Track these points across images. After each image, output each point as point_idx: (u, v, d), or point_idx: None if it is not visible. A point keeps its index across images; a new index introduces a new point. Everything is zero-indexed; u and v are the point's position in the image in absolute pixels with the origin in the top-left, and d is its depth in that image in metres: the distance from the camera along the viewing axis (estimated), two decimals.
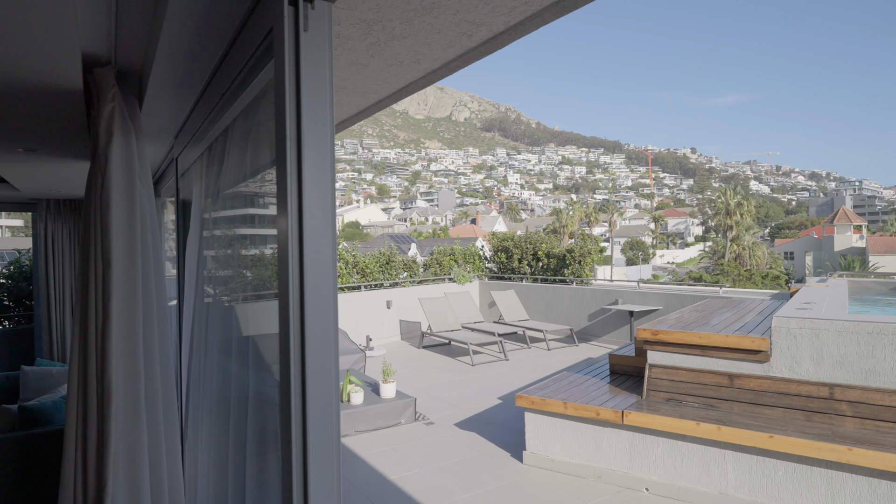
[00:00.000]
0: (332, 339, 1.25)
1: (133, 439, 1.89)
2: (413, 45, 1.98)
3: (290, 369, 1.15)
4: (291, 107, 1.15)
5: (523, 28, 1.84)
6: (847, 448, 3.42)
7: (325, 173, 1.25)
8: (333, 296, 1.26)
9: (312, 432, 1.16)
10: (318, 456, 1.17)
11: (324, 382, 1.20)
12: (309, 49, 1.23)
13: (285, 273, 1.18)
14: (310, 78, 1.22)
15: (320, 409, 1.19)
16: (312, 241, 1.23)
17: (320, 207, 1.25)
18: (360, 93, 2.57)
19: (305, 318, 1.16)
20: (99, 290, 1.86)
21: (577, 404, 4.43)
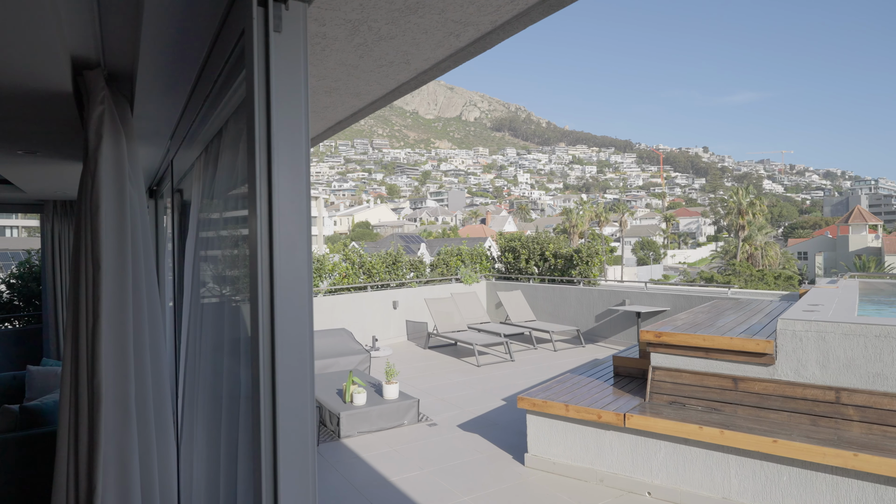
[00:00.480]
0: (306, 345, 1.23)
1: (123, 441, 1.89)
2: (401, 46, 1.96)
3: (260, 374, 1.14)
4: (261, 108, 1.14)
5: (511, 27, 1.81)
6: (853, 454, 3.35)
7: (300, 176, 1.23)
8: (308, 301, 1.24)
9: (283, 441, 1.15)
10: (289, 465, 1.16)
11: (296, 388, 1.18)
12: (283, 50, 1.22)
13: (255, 277, 1.16)
14: (283, 79, 1.21)
15: (292, 415, 1.17)
16: (287, 246, 1.22)
17: (295, 211, 1.24)
18: (354, 94, 2.56)
19: (275, 323, 1.15)
20: (89, 293, 1.86)
21: (579, 407, 4.39)
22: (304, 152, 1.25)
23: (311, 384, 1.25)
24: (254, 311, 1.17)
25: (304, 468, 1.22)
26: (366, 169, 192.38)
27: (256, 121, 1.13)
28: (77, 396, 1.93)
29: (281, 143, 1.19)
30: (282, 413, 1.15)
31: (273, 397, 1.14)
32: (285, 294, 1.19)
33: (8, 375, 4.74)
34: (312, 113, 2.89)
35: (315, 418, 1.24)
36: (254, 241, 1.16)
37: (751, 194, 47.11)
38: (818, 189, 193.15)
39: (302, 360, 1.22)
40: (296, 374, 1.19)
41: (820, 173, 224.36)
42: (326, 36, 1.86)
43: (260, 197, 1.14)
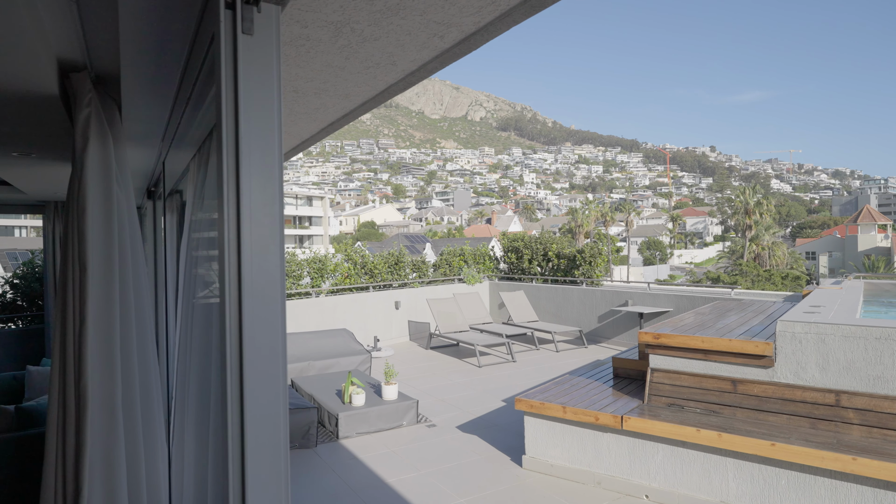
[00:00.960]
0: (278, 349, 1.22)
1: (110, 443, 1.89)
2: (386, 47, 1.95)
3: (227, 379, 1.13)
4: (229, 110, 1.13)
5: (494, 28, 1.80)
6: (851, 458, 3.31)
7: (272, 180, 1.22)
8: (280, 305, 1.23)
9: (252, 448, 1.14)
10: (259, 473, 1.15)
11: (266, 394, 1.17)
12: (253, 52, 1.21)
13: (223, 281, 1.15)
14: (254, 81, 1.20)
15: (262, 422, 1.16)
16: (258, 250, 1.21)
17: (267, 215, 1.23)
18: (343, 95, 2.55)
19: (244, 327, 1.14)
20: (76, 295, 1.86)
21: (577, 409, 4.36)
22: (276, 156, 1.24)
23: (284, 389, 1.24)
24: (221, 314, 1.16)
25: (276, 476, 1.21)
26: (371, 169, 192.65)
27: (223, 123, 1.12)
28: (64, 399, 1.93)
29: (251, 147, 1.18)
30: (250, 420, 1.14)
31: (241, 403, 1.13)
32: (255, 298, 1.18)
33: (8, 376, 4.77)
34: (304, 114, 2.89)
35: (288, 425, 1.23)
36: (222, 244, 1.15)
37: (758, 194, 46.79)
38: (827, 188, 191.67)
39: (273, 365, 1.21)
40: (266, 379, 1.18)
41: (829, 172, 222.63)
42: (310, 38, 1.85)
43: (227, 201, 1.13)
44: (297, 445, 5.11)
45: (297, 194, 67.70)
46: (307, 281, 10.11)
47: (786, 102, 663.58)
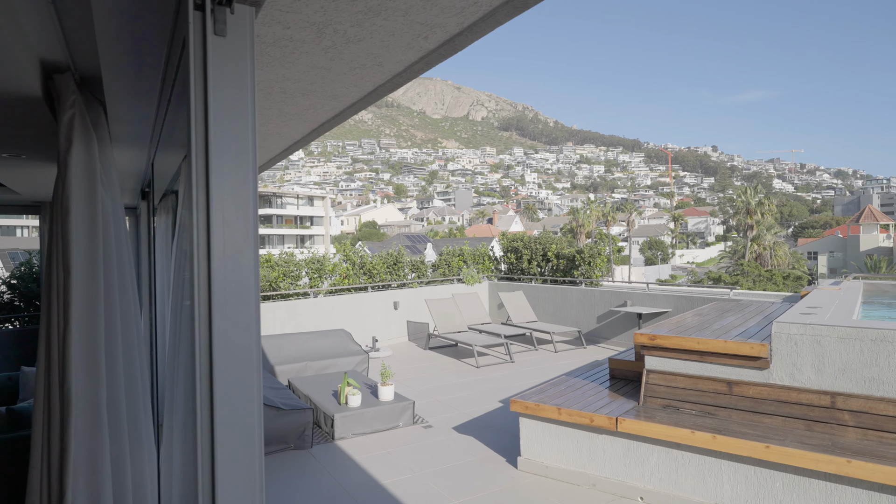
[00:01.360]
0: (252, 353, 1.21)
1: (94, 447, 1.88)
2: (371, 48, 1.94)
3: (197, 384, 1.11)
4: (198, 112, 1.12)
5: (478, 29, 1.78)
6: (846, 460, 3.29)
7: (246, 183, 1.21)
8: (254, 309, 1.22)
9: (222, 456, 1.12)
10: (230, 480, 1.13)
11: (238, 398, 1.16)
12: (226, 54, 1.19)
13: (192, 285, 1.14)
14: (227, 82, 1.18)
15: (233, 428, 1.15)
16: (231, 253, 1.19)
17: (240, 218, 1.21)
18: (332, 96, 2.54)
19: (214, 331, 1.13)
20: (60, 298, 1.85)
21: (572, 410, 4.35)
22: (249, 159, 1.23)
23: (259, 395, 1.22)
24: (191, 318, 1.14)
25: (250, 486, 1.19)
26: (373, 169, 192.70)
27: (192, 125, 1.11)
28: (49, 402, 1.92)
29: (223, 149, 1.17)
30: (221, 427, 1.13)
31: (211, 409, 1.11)
32: (228, 302, 1.17)
33: (3, 376, 4.77)
34: (294, 115, 2.88)
35: (262, 432, 1.22)
36: (192, 248, 1.14)
37: (759, 194, 46.69)
38: (829, 188, 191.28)
39: (247, 369, 1.19)
40: (239, 385, 1.16)
41: (831, 172, 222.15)
42: (293, 39, 1.84)
43: (197, 204, 1.12)
44: (292, 446, 5.10)
45: (298, 194, 67.72)
46: (305, 281, 10.11)
47: (788, 102, 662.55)
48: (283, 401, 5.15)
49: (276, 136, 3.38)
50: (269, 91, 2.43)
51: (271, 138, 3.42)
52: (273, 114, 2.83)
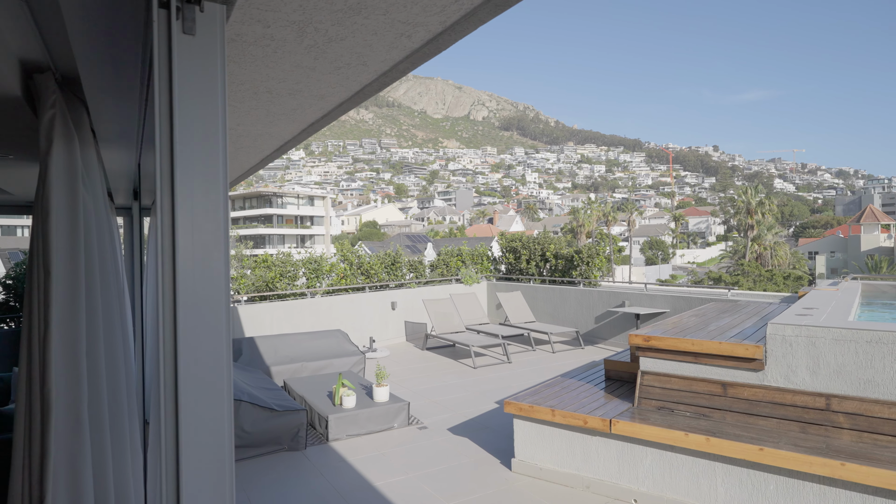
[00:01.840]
0: (222, 360, 1.18)
1: (75, 449, 1.86)
2: (354, 48, 1.92)
3: (161, 391, 1.09)
4: (163, 112, 1.09)
5: (461, 28, 1.76)
6: (840, 463, 3.27)
7: (215, 184, 1.19)
8: (224, 312, 1.20)
9: (188, 464, 1.10)
10: (197, 487, 1.11)
11: (205, 404, 1.14)
12: (196, 53, 1.17)
13: (157, 287, 1.12)
14: (196, 82, 1.16)
15: (200, 436, 1.13)
16: (200, 255, 1.17)
17: (210, 221, 1.19)
18: (318, 96, 2.52)
19: (179, 333, 1.10)
20: (40, 299, 1.84)
21: (565, 412, 4.32)
22: (220, 160, 1.20)
23: (229, 403, 1.20)
24: (155, 320, 1.12)
25: (220, 496, 1.17)
26: (374, 168, 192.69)
27: (157, 125, 1.09)
28: (30, 404, 1.90)
29: (192, 149, 1.14)
30: (187, 435, 1.10)
31: (176, 417, 1.09)
32: (196, 306, 1.15)
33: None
34: (282, 115, 2.85)
35: (233, 441, 1.20)
36: (156, 251, 1.12)
37: (760, 193, 46.62)
38: (830, 188, 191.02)
39: (216, 376, 1.17)
40: (208, 391, 1.14)
41: (832, 172, 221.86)
42: (274, 38, 1.81)
43: (161, 206, 1.10)
44: (286, 448, 5.08)
45: (298, 194, 67.73)
46: (303, 281, 10.09)
47: (789, 102, 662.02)
48: (276, 402, 5.13)
49: (267, 137, 3.35)
50: (255, 91, 2.41)
51: (262, 139, 3.40)
52: (261, 114, 2.81)
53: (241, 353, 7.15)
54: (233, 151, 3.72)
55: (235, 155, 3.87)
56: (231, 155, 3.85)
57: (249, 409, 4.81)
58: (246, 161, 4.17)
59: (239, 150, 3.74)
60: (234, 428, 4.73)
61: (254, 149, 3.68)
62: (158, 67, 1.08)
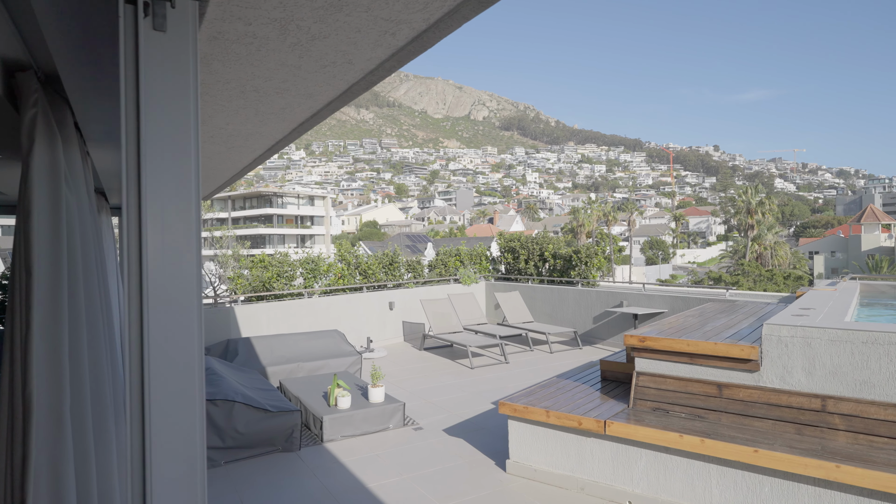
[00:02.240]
0: (193, 364, 1.16)
1: (57, 452, 1.84)
2: (338, 45, 1.89)
3: (127, 395, 1.07)
4: (130, 110, 1.07)
5: (445, 25, 1.74)
6: (835, 465, 3.24)
7: (187, 183, 1.17)
8: (196, 315, 1.18)
9: (157, 472, 1.08)
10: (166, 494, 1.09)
11: (177, 411, 1.12)
12: (167, 50, 1.15)
13: (125, 289, 1.10)
14: (167, 79, 1.14)
15: (170, 441, 1.10)
16: (171, 257, 1.15)
17: (181, 221, 1.17)
18: (306, 95, 2.49)
19: (149, 340, 1.08)
20: (22, 300, 1.81)
21: (560, 413, 4.30)
22: (191, 158, 1.18)
23: (201, 407, 1.18)
24: (122, 321, 1.10)
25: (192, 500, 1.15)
26: (374, 168, 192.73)
27: (123, 124, 1.06)
28: (12, 407, 1.88)
29: (161, 148, 1.12)
30: (157, 439, 1.08)
31: (142, 420, 1.07)
32: (166, 308, 1.13)
33: None
34: (271, 114, 2.83)
35: (205, 447, 1.17)
36: (122, 251, 1.09)
37: (760, 193, 46.58)
38: (831, 188, 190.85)
39: (187, 381, 1.15)
40: (177, 396, 1.12)
41: (833, 172, 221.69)
42: (256, 35, 1.79)
43: (127, 206, 1.07)
44: (280, 449, 5.06)
45: (298, 194, 67.72)
46: (300, 282, 10.07)
47: (790, 101, 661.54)
48: (270, 402, 5.11)
49: (258, 136, 3.33)
50: (242, 90, 2.39)
51: (253, 138, 3.37)
52: (250, 113, 2.78)
53: (237, 353, 7.13)
54: (224, 151, 3.70)
55: (227, 155, 3.85)
56: (223, 155, 3.83)
57: (243, 410, 4.78)
58: (239, 161, 4.15)
59: (231, 150, 3.72)
60: (228, 429, 4.71)
61: (245, 148, 3.66)
62: (124, 63, 1.05)
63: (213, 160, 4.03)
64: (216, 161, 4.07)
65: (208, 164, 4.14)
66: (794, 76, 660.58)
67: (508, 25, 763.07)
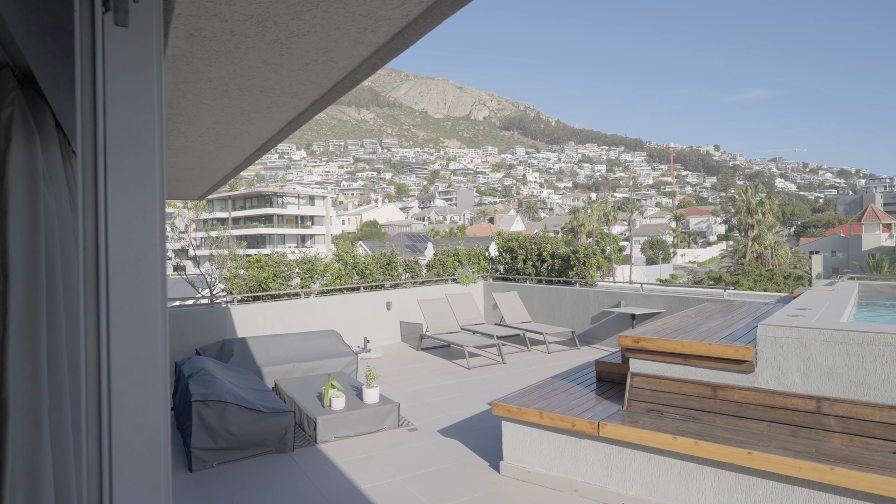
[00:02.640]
0: (157, 369, 1.13)
1: (34, 457, 1.81)
2: (318, 43, 1.86)
3: (82, 399, 1.04)
4: (86, 105, 1.04)
5: (425, 22, 1.71)
6: (829, 468, 3.21)
7: (149, 183, 1.14)
8: (160, 318, 1.14)
9: (118, 480, 1.05)
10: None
11: (140, 416, 1.08)
12: (129, 45, 1.12)
13: (78, 293, 1.07)
14: (126, 73, 1.11)
15: (132, 446, 1.07)
16: (133, 258, 1.12)
17: (145, 222, 1.14)
18: (291, 93, 2.46)
19: (111, 344, 1.05)
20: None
21: (553, 414, 4.26)
22: (156, 156, 1.15)
23: (165, 412, 1.15)
24: (82, 329, 1.07)
25: None
26: (375, 168, 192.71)
27: (78, 121, 1.03)
28: None
29: (122, 147, 1.09)
30: (116, 446, 1.05)
31: (99, 428, 1.04)
32: (129, 311, 1.09)
33: None
34: (257, 113, 2.80)
35: (169, 453, 1.14)
36: (79, 253, 1.06)
37: (760, 193, 46.50)
38: (832, 187, 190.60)
39: (151, 387, 1.12)
40: (138, 403, 1.09)
41: (834, 171, 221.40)
42: (234, 33, 1.76)
43: (84, 206, 1.04)
44: (273, 450, 5.03)
45: (299, 193, 67.70)
46: (297, 282, 10.04)
47: (791, 101, 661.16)
48: (263, 403, 5.08)
49: (246, 135, 3.31)
50: (225, 88, 2.36)
51: (241, 137, 3.35)
52: (236, 112, 2.76)
53: (233, 353, 7.10)
54: (214, 151, 3.67)
55: (217, 154, 3.82)
56: (213, 154, 3.80)
57: (235, 411, 4.75)
58: (229, 160, 4.12)
59: (220, 150, 3.69)
60: (220, 430, 4.68)
61: (235, 147, 3.64)
62: (80, 59, 1.02)
63: (204, 159, 4.01)
64: (207, 160, 4.05)
65: (199, 163, 4.11)
66: (795, 76, 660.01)
67: (508, 25, 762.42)
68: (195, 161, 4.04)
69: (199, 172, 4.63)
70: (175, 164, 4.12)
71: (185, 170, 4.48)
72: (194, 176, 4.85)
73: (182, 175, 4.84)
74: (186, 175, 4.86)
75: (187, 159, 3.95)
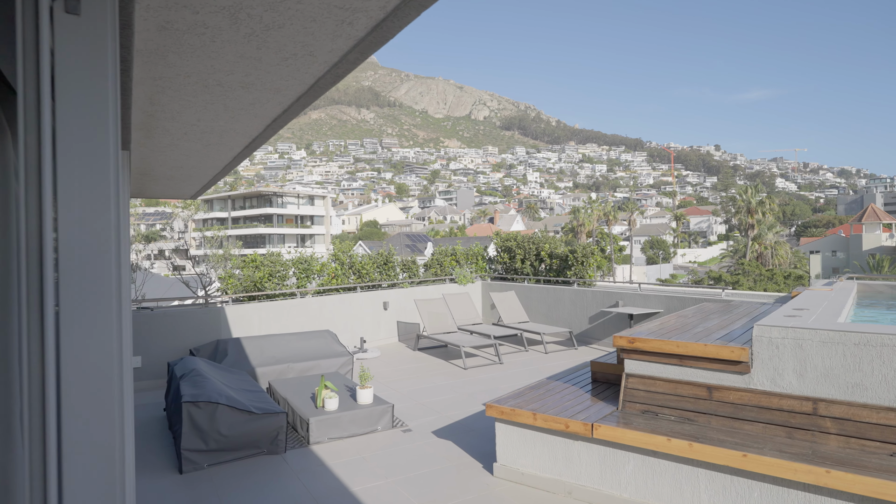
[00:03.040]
0: (112, 376, 1.08)
1: (6, 461, 1.76)
2: (295, 36, 1.81)
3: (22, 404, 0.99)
4: (30, 94, 0.99)
5: (403, 14, 1.65)
6: (825, 470, 3.15)
7: (102, 181, 1.08)
8: (114, 321, 1.09)
9: (70, 487, 1.00)
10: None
11: (92, 426, 1.03)
12: (80, 33, 1.06)
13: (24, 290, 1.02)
14: (78, 62, 1.05)
15: (82, 460, 1.02)
16: (85, 257, 1.07)
17: (98, 217, 1.09)
18: (273, 89, 2.41)
19: (59, 345, 1.00)
20: None
21: (547, 416, 4.21)
22: (111, 149, 1.10)
23: (120, 426, 1.10)
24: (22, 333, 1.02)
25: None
26: (375, 168, 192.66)
27: (20, 110, 0.98)
28: None
29: (73, 138, 1.04)
30: (67, 456, 1.00)
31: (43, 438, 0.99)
32: (81, 314, 1.05)
33: None
34: (240, 110, 2.75)
35: (125, 464, 1.09)
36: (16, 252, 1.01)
37: (760, 193, 46.42)
38: (832, 187, 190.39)
39: (105, 396, 1.07)
40: (91, 413, 1.04)
41: (834, 171, 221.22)
42: (207, 25, 1.71)
43: (27, 202, 0.99)
44: (265, 451, 4.98)
45: (299, 193, 67.66)
46: (293, 281, 9.99)
47: (791, 101, 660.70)
48: (255, 404, 5.03)
49: (232, 133, 3.25)
50: (205, 84, 2.31)
51: (227, 135, 3.30)
52: (219, 109, 2.71)
53: (227, 354, 7.05)
54: (201, 149, 3.62)
55: (205, 152, 3.77)
56: (200, 152, 3.75)
57: (226, 412, 4.71)
58: (218, 158, 4.07)
59: (208, 148, 3.64)
60: (211, 431, 4.63)
61: (222, 146, 3.58)
62: (22, 46, 0.97)
63: (192, 158, 3.96)
64: (195, 159, 4.00)
65: (187, 161, 4.06)
66: (795, 76, 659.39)
67: (508, 25, 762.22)
68: (184, 159, 3.99)
69: (189, 171, 4.58)
70: (163, 162, 4.07)
71: (174, 168, 4.43)
72: (185, 175, 4.80)
73: (172, 174, 4.79)
74: (177, 174, 4.81)
75: (175, 157, 3.90)
